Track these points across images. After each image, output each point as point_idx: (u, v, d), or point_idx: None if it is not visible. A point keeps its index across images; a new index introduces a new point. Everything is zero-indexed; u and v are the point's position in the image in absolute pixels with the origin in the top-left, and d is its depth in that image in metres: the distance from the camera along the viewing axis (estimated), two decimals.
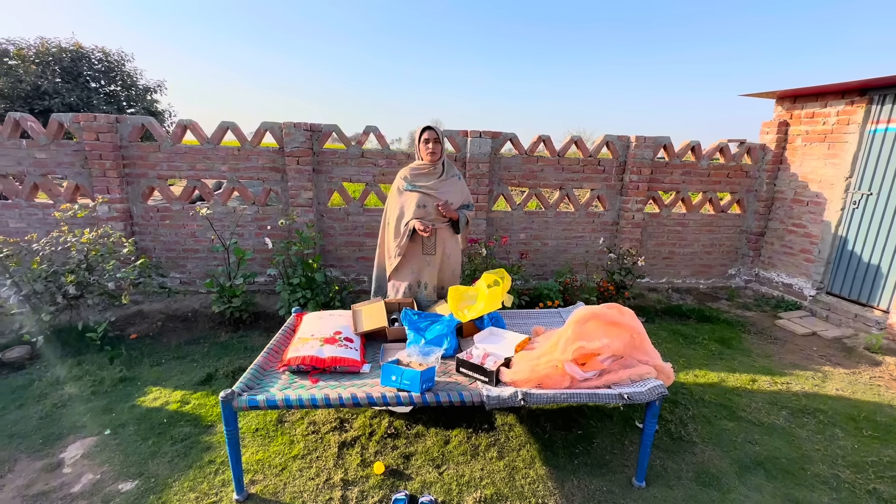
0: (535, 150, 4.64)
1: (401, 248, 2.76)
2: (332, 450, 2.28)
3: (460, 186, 2.84)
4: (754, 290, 5.21)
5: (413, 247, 2.79)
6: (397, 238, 2.77)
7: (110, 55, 14.60)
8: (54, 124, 4.01)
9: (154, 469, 2.14)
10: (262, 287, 4.52)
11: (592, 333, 2.02)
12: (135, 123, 4.13)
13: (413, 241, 2.77)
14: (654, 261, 5.09)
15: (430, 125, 2.72)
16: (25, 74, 12.69)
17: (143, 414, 2.56)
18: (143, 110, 15.02)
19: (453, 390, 2.00)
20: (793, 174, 4.78)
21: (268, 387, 2.02)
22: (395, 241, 2.78)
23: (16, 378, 2.90)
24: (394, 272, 2.86)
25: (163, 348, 3.37)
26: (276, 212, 4.42)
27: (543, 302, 4.03)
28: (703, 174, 4.93)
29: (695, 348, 3.64)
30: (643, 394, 1.93)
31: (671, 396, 2.82)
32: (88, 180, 4.11)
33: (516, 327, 2.66)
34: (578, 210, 4.85)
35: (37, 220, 4.14)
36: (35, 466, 2.14)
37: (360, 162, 4.43)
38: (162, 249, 4.40)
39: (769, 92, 4.81)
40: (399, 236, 2.76)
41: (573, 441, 2.40)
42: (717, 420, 2.64)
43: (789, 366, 3.38)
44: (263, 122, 4.22)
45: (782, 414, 2.73)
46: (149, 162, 4.18)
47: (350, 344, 2.33)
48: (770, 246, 5.08)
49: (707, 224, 5.09)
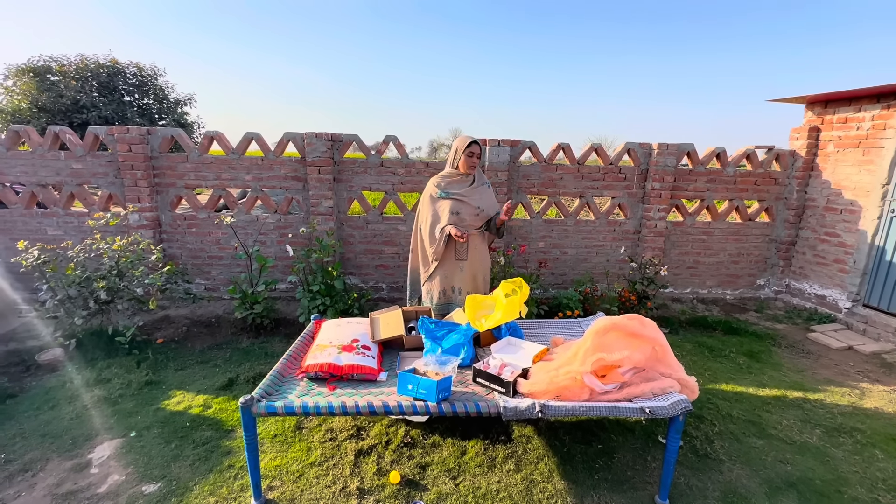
0: (554, 158, 4.61)
1: (437, 253, 2.83)
2: (348, 458, 2.28)
3: (490, 194, 2.92)
4: (785, 301, 5.01)
5: (446, 252, 2.86)
6: (433, 244, 2.84)
7: (144, 70, 15.28)
8: (90, 136, 4.20)
9: (176, 472, 2.18)
10: (283, 294, 4.60)
11: (613, 345, 1.98)
12: (165, 135, 4.29)
13: (446, 248, 2.84)
14: (677, 270, 4.96)
15: (475, 139, 2.81)
16: (66, 90, 13.38)
17: (167, 417, 2.62)
18: (174, 122, 15.63)
19: (470, 401, 1.98)
20: (825, 181, 4.60)
21: (286, 393, 2.05)
22: (431, 246, 2.85)
23: (49, 379, 3.02)
24: (429, 278, 2.94)
25: (187, 353, 3.45)
26: (297, 220, 4.50)
27: (563, 312, 3.97)
28: (729, 182, 4.80)
29: (721, 361, 3.51)
30: (666, 408, 1.87)
31: (696, 411, 2.72)
32: (121, 190, 4.28)
33: (534, 337, 2.62)
34: (599, 218, 4.78)
35: (72, 227, 4.33)
36: (65, 466, 2.22)
37: (379, 171, 4.48)
38: (188, 256, 4.53)
39: (799, 97, 4.66)
40: (435, 242, 2.83)
41: (593, 455, 2.34)
42: (745, 437, 2.54)
43: (823, 381, 3.23)
44: (286, 132, 4.33)
45: (816, 432, 2.60)
46: (177, 172, 4.33)
47: (367, 352, 2.34)
48: (801, 256, 4.89)
49: (734, 233, 4.94)
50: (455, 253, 2.86)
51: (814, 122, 4.74)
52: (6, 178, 4.24)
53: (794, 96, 4.66)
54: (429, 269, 2.92)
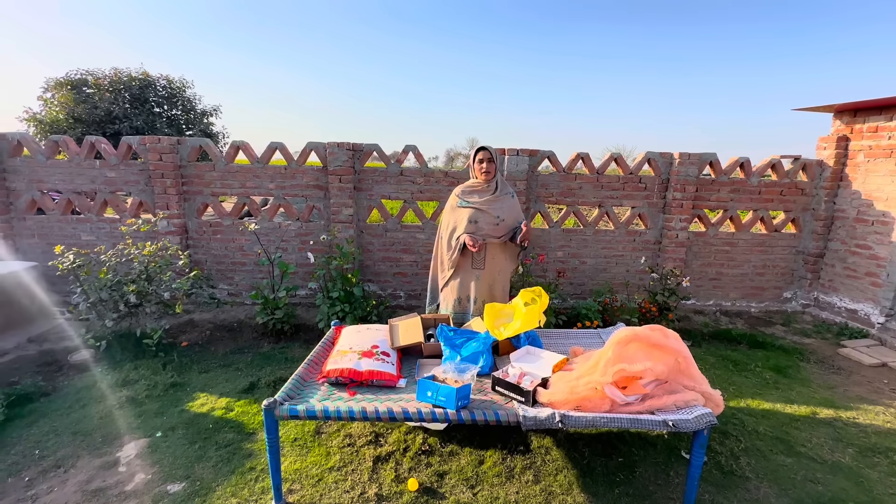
0: (573, 167, 4.60)
1: (452, 261, 2.86)
2: (366, 463, 2.30)
3: (512, 204, 2.89)
4: (813, 315, 4.85)
5: (463, 261, 2.88)
6: (449, 251, 2.88)
7: (173, 82, 15.85)
8: (124, 146, 4.39)
9: (200, 472, 2.23)
10: (303, 300, 4.68)
11: (634, 356, 1.95)
12: (193, 145, 4.45)
13: (463, 256, 2.86)
14: (700, 282, 4.86)
15: (484, 146, 2.80)
16: (100, 101, 13.96)
17: (191, 419, 2.68)
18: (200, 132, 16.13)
19: (489, 409, 1.97)
20: (855, 192, 4.47)
21: (308, 397, 2.08)
22: (448, 253, 2.89)
23: (81, 379, 3.12)
24: (445, 285, 2.96)
25: (210, 356, 3.53)
26: (318, 227, 4.59)
27: (581, 322, 3.92)
28: (753, 192, 4.70)
29: (746, 376, 3.42)
30: (690, 422, 1.83)
31: (720, 426, 2.65)
32: (151, 197, 4.44)
33: (553, 347, 2.61)
34: (618, 228, 4.73)
35: (104, 233, 4.51)
36: (94, 464, 2.29)
37: (398, 180, 4.54)
38: (212, 262, 4.66)
39: (826, 106, 4.56)
40: (451, 250, 2.86)
41: (614, 469, 2.30)
42: (772, 454, 2.46)
43: (856, 399, 3.11)
44: (309, 142, 4.43)
45: (849, 452, 2.50)
46: (204, 180, 4.47)
47: (387, 358, 2.36)
48: (830, 268, 4.74)
49: (759, 244, 4.83)
50: (472, 262, 2.87)
51: (842, 132, 4.62)
52: (45, 185, 4.45)
53: (821, 105, 4.56)
54: (445, 276, 2.95)
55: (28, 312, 3.83)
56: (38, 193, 4.47)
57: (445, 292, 2.97)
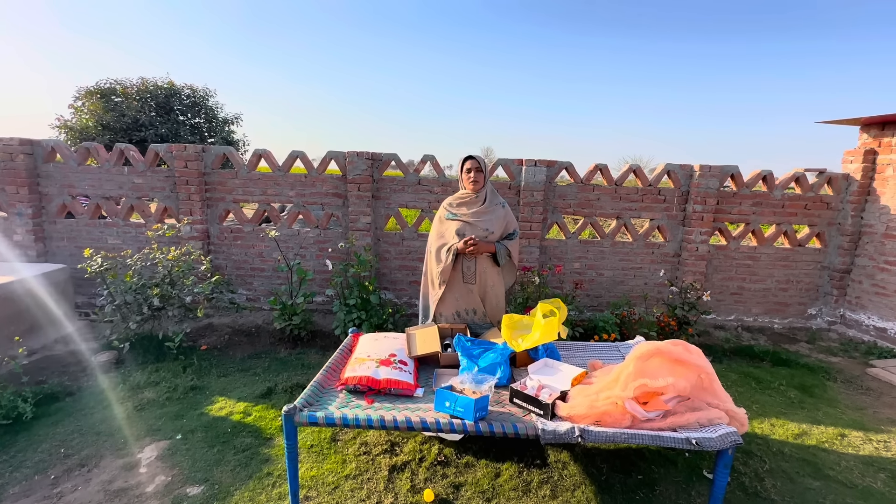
0: (591, 178, 4.58)
1: (444, 274, 2.74)
2: (382, 472, 2.29)
3: (502, 215, 2.79)
4: (839, 332, 4.71)
5: (454, 275, 2.78)
6: (439, 265, 2.77)
7: (197, 91, 16.30)
8: (151, 153, 4.52)
9: (218, 476, 2.25)
10: (320, 307, 4.72)
11: (656, 371, 1.92)
12: (217, 153, 4.56)
13: (454, 269, 2.76)
14: (720, 296, 4.77)
15: (472, 155, 2.71)
16: (128, 109, 14.43)
17: (209, 422, 2.72)
18: (222, 140, 16.52)
19: (507, 421, 1.96)
20: (883, 206, 4.35)
21: (326, 404, 2.09)
22: (438, 267, 2.77)
23: (104, 380, 3.20)
24: (438, 302, 2.83)
25: (229, 360, 3.59)
26: (336, 235, 4.65)
27: (599, 335, 3.88)
28: (776, 205, 4.61)
29: (770, 394, 3.32)
30: (714, 440, 1.79)
31: (744, 446, 2.58)
32: (175, 203, 4.56)
33: (571, 360, 2.58)
34: (636, 240, 4.68)
35: (130, 237, 4.64)
36: (117, 464, 2.33)
37: (416, 189, 4.58)
38: (232, 267, 4.74)
39: (852, 119, 4.46)
40: (441, 262, 2.76)
41: (633, 486, 2.26)
42: (799, 477, 2.38)
43: (887, 422, 2.99)
44: (329, 150, 4.51)
45: (880, 477, 2.40)
46: (227, 187, 4.58)
47: (404, 367, 2.36)
48: (858, 285, 4.60)
49: (782, 258, 4.72)
50: (463, 276, 2.77)
51: (870, 145, 4.52)
52: (75, 190, 4.61)
53: (847, 118, 4.47)
54: (437, 293, 2.80)
55: (55, 313, 3.95)
56: (69, 198, 4.63)
57: (440, 307, 2.83)
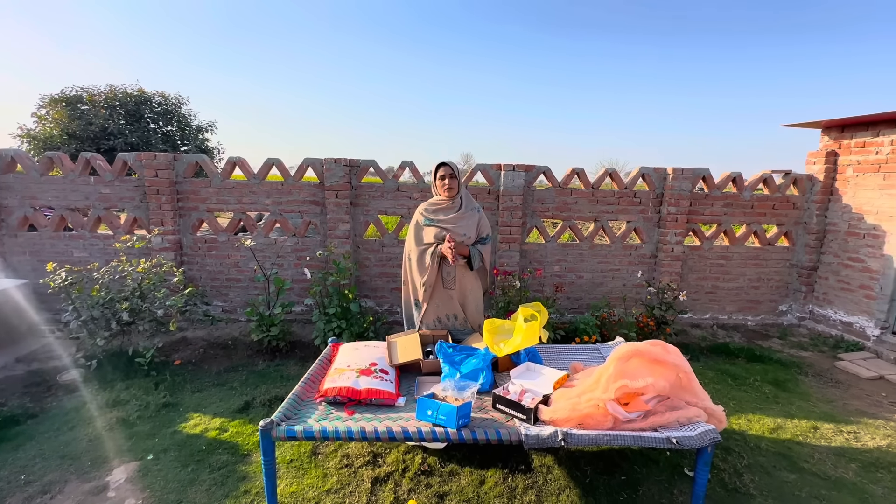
0: (568, 182, 4.64)
1: (429, 281, 2.74)
2: (365, 485, 2.24)
3: (477, 219, 2.80)
4: (809, 328, 4.87)
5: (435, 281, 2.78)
6: (422, 273, 2.76)
7: (169, 98, 15.91)
8: (119, 162, 4.37)
9: (192, 497, 2.16)
10: (299, 316, 4.62)
11: (636, 372, 1.94)
12: (190, 161, 4.44)
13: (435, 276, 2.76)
14: (696, 295, 4.88)
15: (445, 161, 2.72)
16: (95, 118, 13.95)
17: (183, 440, 2.61)
18: (196, 148, 16.14)
19: (490, 427, 1.94)
20: (845, 206, 4.54)
21: (305, 417, 2.04)
22: (421, 276, 2.77)
23: (69, 400, 3.04)
24: (423, 307, 2.83)
25: (204, 375, 3.46)
26: (314, 243, 4.57)
27: (580, 336, 3.91)
28: (746, 206, 4.76)
29: (746, 390, 3.40)
30: (693, 439, 1.81)
31: (723, 443, 2.63)
32: (145, 213, 4.41)
33: (553, 363, 2.58)
34: (614, 242, 4.75)
35: (97, 249, 4.45)
36: (83, 489, 2.21)
37: (395, 195, 4.55)
38: (207, 278, 4.61)
39: (814, 122, 4.66)
40: (425, 271, 2.75)
41: (616, 487, 2.26)
42: (776, 471, 2.43)
43: (856, 413, 3.10)
44: (306, 157, 4.44)
45: (852, 467, 2.48)
46: (200, 196, 4.45)
47: (385, 376, 2.32)
48: (825, 281, 4.78)
49: (753, 257, 4.87)
50: (443, 282, 2.78)
51: (831, 147, 4.72)
52: (38, 202, 4.41)
53: (808, 121, 4.66)
54: (423, 306, 2.82)
55: (17, 331, 3.75)
56: (31, 210, 4.42)
57: (422, 316, 2.85)
